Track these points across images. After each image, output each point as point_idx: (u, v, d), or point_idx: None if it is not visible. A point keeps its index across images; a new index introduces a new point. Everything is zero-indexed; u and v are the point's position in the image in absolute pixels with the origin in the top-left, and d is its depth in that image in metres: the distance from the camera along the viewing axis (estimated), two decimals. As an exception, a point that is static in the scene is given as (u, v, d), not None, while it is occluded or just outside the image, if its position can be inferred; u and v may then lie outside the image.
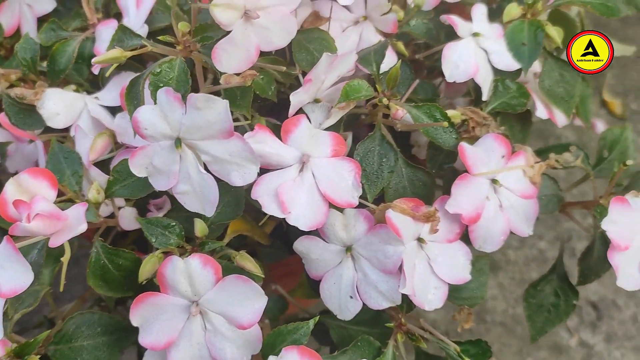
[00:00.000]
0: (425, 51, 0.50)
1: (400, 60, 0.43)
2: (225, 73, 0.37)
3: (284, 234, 0.51)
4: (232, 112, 0.35)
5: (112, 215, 0.45)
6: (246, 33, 0.36)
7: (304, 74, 0.43)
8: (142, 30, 0.45)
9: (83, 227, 0.34)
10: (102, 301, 0.52)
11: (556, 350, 0.83)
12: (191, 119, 0.35)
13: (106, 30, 0.47)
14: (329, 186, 0.39)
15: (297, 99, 0.40)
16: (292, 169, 0.39)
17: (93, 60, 0.38)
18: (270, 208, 0.37)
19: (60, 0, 0.56)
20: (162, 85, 0.38)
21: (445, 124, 0.41)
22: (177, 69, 0.38)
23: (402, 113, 0.42)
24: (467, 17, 0.49)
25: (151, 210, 0.46)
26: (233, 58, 0.37)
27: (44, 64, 0.47)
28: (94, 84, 0.49)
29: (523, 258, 0.91)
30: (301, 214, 0.38)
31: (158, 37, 0.39)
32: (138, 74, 0.40)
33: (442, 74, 0.47)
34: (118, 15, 0.51)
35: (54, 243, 0.33)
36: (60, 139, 0.47)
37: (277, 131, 0.40)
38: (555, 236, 0.89)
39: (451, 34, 0.48)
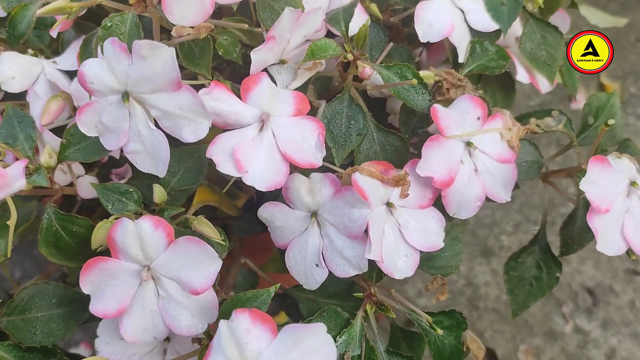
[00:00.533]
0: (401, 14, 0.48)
1: (369, 19, 0.41)
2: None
3: (256, 207, 0.49)
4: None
5: (71, 185, 0.43)
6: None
7: (269, 33, 0.41)
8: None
9: (21, 184, 0.32)
10: (67, 276, 0.50)
11: (551, 336, 0.80)
12: (137, 69, 0.33)
13: (67, -7, 0.45)
14: (290, 146, 0.37)
15: (258, 56, 0.38)
16: (250, 128, 0.37)
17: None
18: (225, 167, 0.35)
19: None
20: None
21: (415, 81, 0.39)
22: (129, 23, 0.37)
23: (369, 71, 0.40)
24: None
25: (113, 180, 0.44)
26: (186, 9, 0.35)
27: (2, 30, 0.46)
28: (56, 53, 0.47)
29: (517, 243, 0.88)
30: (259, 173, 0.36)
31: (109, -10, 0.37)
32: (92, 32, 0.38)
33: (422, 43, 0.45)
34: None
35: (-9, 200, 0.32)
36: (19, 107, 0.46)
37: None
38: (552, 221, 0.87)
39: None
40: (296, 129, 0.37)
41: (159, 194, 0.39)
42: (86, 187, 0.43)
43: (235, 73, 0.46)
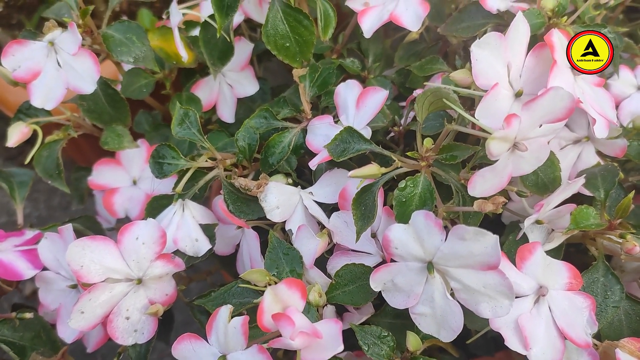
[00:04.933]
0: (638, 174, 0.48)
1: (633, 191, 0.42)
2: (475, 197, 0.37)
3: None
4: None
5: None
6: (506, 163, 0.36)
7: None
8: (365, 132, 0.45)
9: (339, 348, 0.33)
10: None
11: None
12: (452, 247, 0.34)
13: (320, 125, 0.48)
14: (566, 322, 0.38)
15: (528, 223, 0.40)
16: (528, 299, 0.38)
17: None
18: (512, 342, 0.36)
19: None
20: (405, 200, 0.39)
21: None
22: (421, 186, 0.39)
23: (638, 249, 0.40)
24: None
25: (349, 311, 0.46)
26: (488, 184, 0.36)
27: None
28: (300, 174, 0.50)
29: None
30: (541, 351, 0.36)
31: (406, 153, 0.39)
32: (370, 182, 0.40)
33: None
34: (326, 109, 0.52)
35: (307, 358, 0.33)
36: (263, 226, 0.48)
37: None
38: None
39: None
40: (571, 303, 0.38)
41: (413, 343, 0.40)
42: (328, 316, 0.44)
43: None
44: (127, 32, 0.50)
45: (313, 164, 0.46)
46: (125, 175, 0.54)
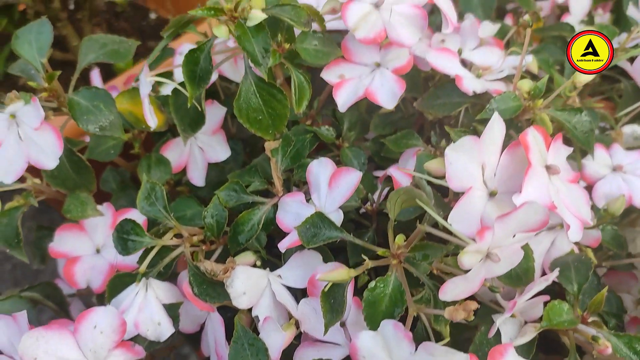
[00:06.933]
0: (611, 260, 0.48)
1: (606, 287, 0.41)
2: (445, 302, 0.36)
3: None
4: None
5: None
6: (479, 270, 0.35)
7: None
8: (336, 216, 0.44)
9: None
10: None
11: None
12: (421, 361, 0.33)
13: (292, 203, 0.47)
14: None
15: (499, 321, 0.39)
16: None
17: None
18: None
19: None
20: (374, 301, 0.38)
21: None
22: (391, 286, 0.38)
23: (610, 351, 0.39)
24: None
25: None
26: (459, 290, 0.35)
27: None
28: (271, 244, 0.48)
29: None
30: None
31: (377, 253, 0.38)
32: (346, 280, 0.39)
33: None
34: (299, 182, 0.51)
35: None
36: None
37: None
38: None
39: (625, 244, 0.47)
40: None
41: None
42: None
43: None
44: (94, 99, 0.49)
45: (282, 246, 0.44)
46: (89, 242, 0.52)
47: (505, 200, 0.38)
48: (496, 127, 0.37)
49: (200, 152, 0.56)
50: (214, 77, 0.57)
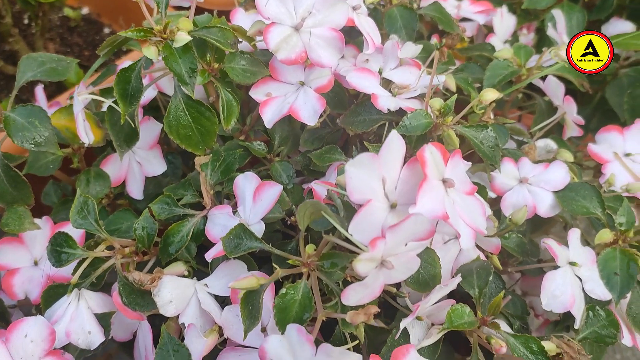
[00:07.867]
0: (517, 265, 0.52)
1: (503, 292, 0.45)
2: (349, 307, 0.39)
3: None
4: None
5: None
6: (377, 277, 0.38)
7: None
8: (258, 227, 0.47)
9: None
10: None
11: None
12: (321, 361, 0.36)
13: (220, 215, 0.50)
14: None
15: (404, 323, 0.42)
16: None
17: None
18: None
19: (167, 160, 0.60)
20: (285, 307, 0.40)
21: (546, 365, 0.42)
22: (301, 292, 0.41)
23: (505, 350, 0.43)
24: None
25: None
26: (361, 295, 0.38)
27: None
28: (201, 260, 0.51)
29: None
30: None
31: (288, 260, 0.41)
32: (255, 287, 0.42)
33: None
34: (229, 195, 0.53)
35: None
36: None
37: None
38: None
39: (537, 251, 0.51)
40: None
41: None
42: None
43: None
44: (30, 116, 0.51)
45: (209, 256, 0.47)
46: (27, 254, 0.54)
47: (405, 211, 0.41)
48: (394, 143, 0.40)
49: (138, 166, 0.58)
50: (153, 92, 0.60)
